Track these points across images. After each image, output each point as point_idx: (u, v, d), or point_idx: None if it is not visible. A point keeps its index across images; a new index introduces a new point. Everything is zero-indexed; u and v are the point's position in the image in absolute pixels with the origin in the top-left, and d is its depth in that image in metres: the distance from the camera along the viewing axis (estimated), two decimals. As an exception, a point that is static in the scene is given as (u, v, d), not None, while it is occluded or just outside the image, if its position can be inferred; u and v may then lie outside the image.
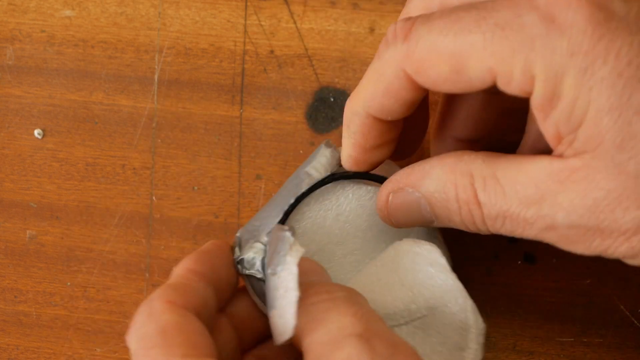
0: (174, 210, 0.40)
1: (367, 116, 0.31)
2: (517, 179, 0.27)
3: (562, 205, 0.26)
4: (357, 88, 0.31)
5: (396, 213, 0.31)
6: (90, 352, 0.40)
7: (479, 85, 0.27)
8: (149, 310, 0.28)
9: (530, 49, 0.25)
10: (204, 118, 0.40)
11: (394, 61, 0.28)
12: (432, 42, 0.27)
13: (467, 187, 0.28)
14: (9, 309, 0.41)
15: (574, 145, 0.26)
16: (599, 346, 0.38)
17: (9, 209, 0.41)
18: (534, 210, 0.27)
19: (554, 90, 0.25)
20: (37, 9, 0.41)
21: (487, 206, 0.28)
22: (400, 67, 0.28)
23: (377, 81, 0.30)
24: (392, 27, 0.29)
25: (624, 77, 0.25)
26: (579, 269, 0.38)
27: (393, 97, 0.29)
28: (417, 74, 0.28)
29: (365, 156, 0.32)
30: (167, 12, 0.40)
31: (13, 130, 0.41)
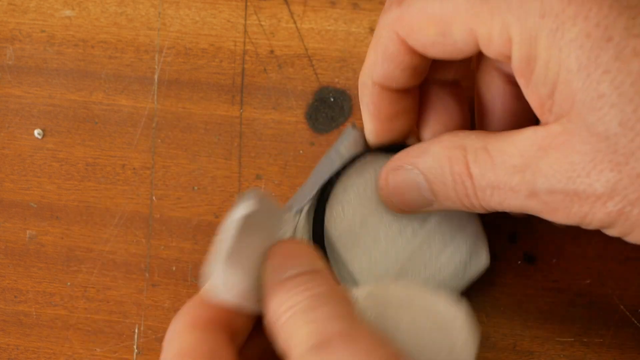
0: (174, 210, 0.40)
1: (374, 85, 0.32)
2: (505, 149, 0.28)
3: (543, 171, 0.27)
4: (365, 60, 0.32)
5: (395, 193, 0.31)
6: (90, 352, 0.40)
7: (464, 49, 0.28)
8: (173, 329, 0.28)
9: (507, 10, 0.26)
10: (204, 118, 0.40)
11: (388, 24, 0.30)
12: (422, 6, 0.28)
13: (460, 159, 0.29)
14: (9, 309, 0.41)
15: (553, 109, 0.26)
16: (599, 346, 0.38)
17: (9, 209, 0.41)
18: (518, 178, 0.27)
19: (530, 53, 0.26)
20: (37, 9, 0.41)
21: (477, 177, 0.28)
22: (394, 30, 0.29)
23: (375, 46, 0.31)
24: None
25: (592, 37, 0.25)
26: (579, 269, 0.38)
27: (392, 61, 0.30)
28: (408, 36, 0.29)
29: (384, 127, 0.33)
30: (167, 12, 0.40)
31: (13, 130, 0.41)
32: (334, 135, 0.39)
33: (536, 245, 0.38)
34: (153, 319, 0.40)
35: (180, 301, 0.40)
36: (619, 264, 0.38)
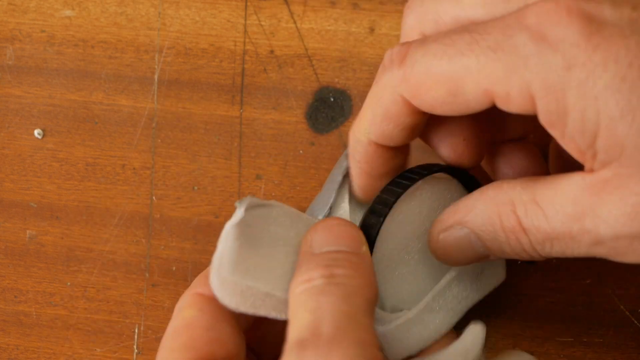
0: (174, 210, 0.40)
1: (370, 143, 0.31)
2: (555, 199, 0.27)
3: (603, 218, 0.26)
4: (358, 115, 0.31)
5: (450, 252, 0.31)
6: (90, 352, 0.40)
7: (476, 107, 0.27)
8: (179, 304, 0.29)
9: (524, 68, 0.25)
10: (204, 118, 0.40)
11: (391, 86, 0.28)
12: (428, 66, 0.27)
13: (510, 216, 0.28)
14: (9, 309, 0.41)
15: (598, 157, 0.26)
16: (599, 346, 0.38)
17: (9, 209, 0.41)
18: (578, 227, 0.26)
19: (559, 106, 0.25)
20: (37, 9, 0.41)
21: (532, 231, 0.27)
22: (397, 92, 0.28)
23: (375, 106, 0.29)
24: (389, 53, 0.29)
25: (628, 80, 0.24)
26: (579, 269, 0.38)
27: (392, 122, 0.29)
28: (414, 97, 0.28)
29: (375, 184, 0.32)
30: (167, 12, 0.40)
31: (13, 130, 0.41)
32: (334, 135, 0.39)
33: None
34: (153, 319, 0.40)
35: (180, 301, 0.40)
36: (619, 264, 0.38)
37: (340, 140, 0.39)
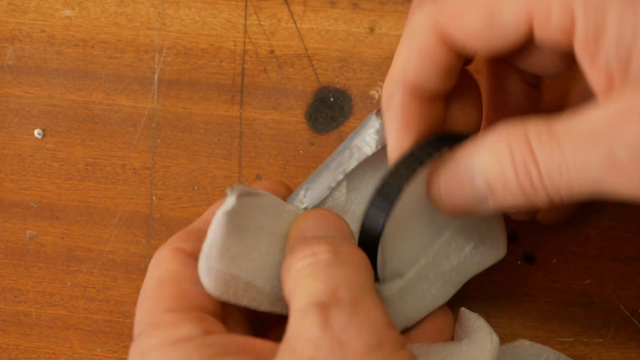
0: (174, 210, 0.40)
1: (404, 93, 0.29)
2: (573, 129, 0.26)
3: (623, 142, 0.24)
4: (391, 67, 0.30)
5: (448, 193, 0.29)
6: (90, 352, 0.40)
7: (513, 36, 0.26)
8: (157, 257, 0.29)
9: None
10: (204, 118, 0.40)
11: (426, 19, 0.28)
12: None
13: (522, 147, 0.26)
14: (9, 309, 0.41)
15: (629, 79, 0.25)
16: (599, 346, 0.38)
17: (9, 209, 0.41)
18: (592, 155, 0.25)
19: (597, 24, 0.24)
20: (37, 9, 0.41)
21: (544, 161, 0.26)
22: (433, 22, 0.28)
23: (410, 42, 0.29)
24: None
25: None
26: (579, 269, 0.38)
27: (428, 59, 0.28)
28: (450, 25, 0.27)
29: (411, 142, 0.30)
30: (167, 12, 0.40)
31: (13, 130, 0.41)
32: (334, 135, 0.39)
33: (536, 245, 0.38)
34: (153, 319, 0.40)
35: (180, 301, 0.40)
36: (619, 264, 0.38)
37: (340, 140, 0.39)
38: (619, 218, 0.38)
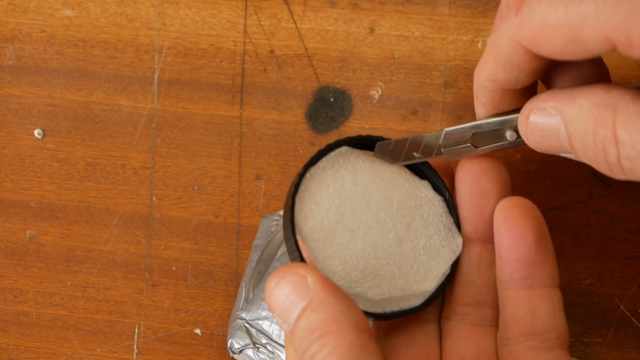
0: (174, 210, 0.40)
1: (495, 89, 0.30)
2: None
3: None
4: (480, 61, 0.31)
5: (534, 133, 0.29)
6: (90, 352, 0.40)
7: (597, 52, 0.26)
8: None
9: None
10: (204, 118, 0.40)
11: (509, 35, 0.28)
12: (544, 15, 0.27)
13: (607, 122, 0.26)
14: (9, 309, 0.41)
15: None
16: (599, 346, 0.38)
17: (9, 209, 0.41)
18: None
19: None
20: (37, 9, 0.41)
21: (626, 144, 0.26)
22: (515, 41, 0.28)
23: (496, 55, 0.29)
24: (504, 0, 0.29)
25: None
26: (579, 269, 0.38)
27: (515, 69, 0.29)
28: (534, 46, 0.28)
29: None
30: (167, 12, 0.40)
31: (13, 130, 0.41)
32: (334, 135, 0.39)
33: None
34: (153, 319, 0.40)
35: (180, 301, 0.40)
36: (619, 264, 0.38)
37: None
38: (619, 218, 0.38)
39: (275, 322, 0.37)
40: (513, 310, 0.30)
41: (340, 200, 0.32)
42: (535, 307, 0.30)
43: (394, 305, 0.31)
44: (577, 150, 0.28)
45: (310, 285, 0.28)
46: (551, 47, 0.27)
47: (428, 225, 0.33)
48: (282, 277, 0.28)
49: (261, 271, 0.38)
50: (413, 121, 0.39)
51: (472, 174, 0.32)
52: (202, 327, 0.40)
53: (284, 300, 0.28)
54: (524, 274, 0.30)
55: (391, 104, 0.39)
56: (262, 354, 0.37)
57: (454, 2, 0.39)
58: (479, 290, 0.32)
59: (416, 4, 0.39)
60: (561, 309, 0.30)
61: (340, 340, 0.26)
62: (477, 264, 0.32)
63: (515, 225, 0.30)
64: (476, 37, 0.38)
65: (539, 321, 0.30)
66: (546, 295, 0.30)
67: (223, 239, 0.40)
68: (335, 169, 0.32)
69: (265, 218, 0.39)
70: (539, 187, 0.38)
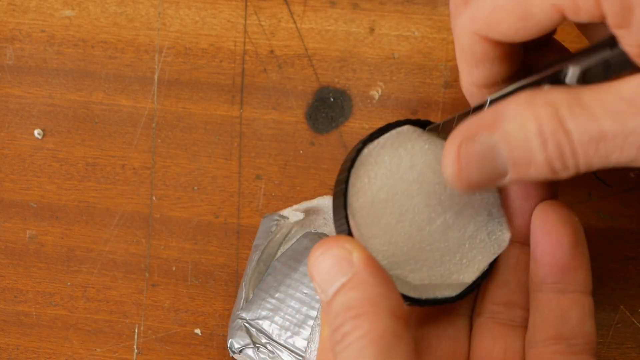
0: (174, 210, 0.40)
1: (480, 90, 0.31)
2: (605, 99, 0.25)
3: None
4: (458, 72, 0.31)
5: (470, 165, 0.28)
6: (90, 352, 0.40)
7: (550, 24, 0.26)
8: None
9: None
10: (204, 118, 0.40)
11: (464, 29, 0.28)
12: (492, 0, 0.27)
13: (551, 117, 0.25)
14: (9, 309, 0.41)
15: None
16: (599, 346, 0.38)
17: (9, 209, 0.41)
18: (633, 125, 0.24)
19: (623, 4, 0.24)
20: (37, 9, 0.41)
21: (576, 132, 0.25)
22: (471, 32, 0.28)
23: (461, 55, 0.30)
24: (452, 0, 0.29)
25: None
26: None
27: (483, 62, 0.29)
28: (489, 31, 0.28)
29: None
30: (167, 12, 0.40)
31: (13, 130, 0.41)
32: (334, 135, 0.39)
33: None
34: (153, 319, 0.40)
35: (180, 301, 0.40)
36: (619, 264, 0.38)
37: (340, 140, 0.39)
38: (619, 218, 0.38)
39: (275, 321, 0.37)
40: (543, 313, 0.30)
41: (394, 180, 0.31)
42: (566, 312, 0.30)
43: (430, 292, 0.31)
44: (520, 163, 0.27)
45: (355, 261, 0.27)
46: (505, 29, 0.27)
47: (478, 216, 0.32)
48: (329, 248, 0.28)
49: (261, 271, 0.38)
50: (413, 121, 0.39)
51: None
52: (202, 327, 0.40)
53: (326, 271, 0.28)
54: (556, 279, 0.30)
55: (391, 104, 0.39)
56: (262, 353, 0.37)
57: (454, 2, 0.39)
58: (512, 291, 0.32)
59: (416, 4, 0.39)
60: (591, 316, 0.30)
61: (374, 324, 0.26)
62: (514, 265, 0.32)
63: (551, 229, 0.30)
64: (476, 37, 0.38)
65: (568, 326, 0.30)
66: (577, 301, 0.30)
67: (223, 239, 0.40)
68: (394, 147, 0.32)
69: (265, 218, 0.39)
70: (539, 187, 0.38)
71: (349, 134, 0.39)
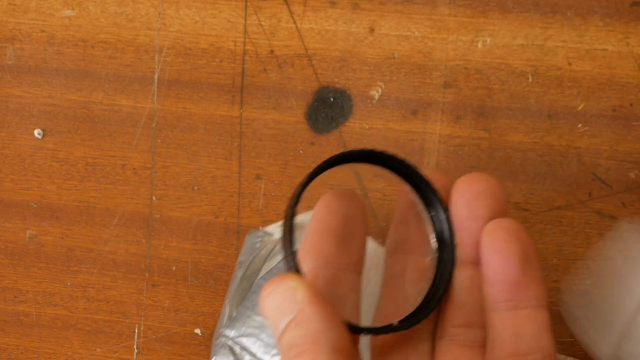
0: (174, 210, 0.40)
1: None
2: None
3: None
4: None
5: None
6: (90, 352, 0.40)
7: None
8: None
9: None
10: (204, 118, 0.40)
11: None
12: None
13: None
14: (9, 309, 0.41)
15: None
16: (599, 346, 0.38)
17: (9, 209, 0.41)
18: None
19: None
20: (37, 9, 0.41)
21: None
22: None
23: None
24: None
25: None
26: (579, 269, 0.38)
27: None
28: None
29: None
30: (167, 12, 0.40)
31: (13, 130, 0.41)
32: (334, 135, 0.39)
33: (536, 245, 0.38)
34: (153, 319, 0.40)
35: (180, 301, 0.40)
36: (619, 264, 0.38)
37: (340, 140, 0.39)
38: (619, 218, 0.38)
39: (261, 339, 0.37)
40: (498, 332, 0.30)
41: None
42: (520, 329, 0.30)
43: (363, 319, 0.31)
44: None
45: (299, 299, 0.28)
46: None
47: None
48: (276, 286, 0.28)
49: (245, 288, 0.38)
50: (413, 121, 0.39)
51: (465, 198, 0.31)
52: (202, 327, 0.40)
53: (274, 310, 0.28)
54: (509, 296, 0.30)
55: (391, 104, 0.39)
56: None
57: (454, 2, 0.39)
58: (469, 312, 0.32)
59: (416, 4, 0.39)
60: (547, 329, 0.30)
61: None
62: (469, 286, 0.32)
63: (499, 248, 0.30)
64: (476, 37, 0.38)
65: (523, 342, 0.30)
66: (531, 316, 0.30)
67: (223, 239, 0.40)
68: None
69: (250, 234, 0.39)
70: (539, 187, 0.38)
71: (349, 134, 0.39)
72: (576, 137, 0.38)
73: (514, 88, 0.38)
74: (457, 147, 0.39)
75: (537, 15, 0.37)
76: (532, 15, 0.38)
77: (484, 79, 0.38)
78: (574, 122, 0.38)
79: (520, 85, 0.38)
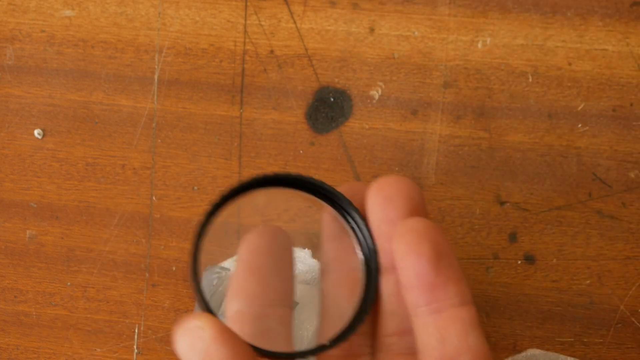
0: (174, 210, 0.40)
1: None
2: None
3: None
4: None
5: None
6: (90, 352, 0.40)
7: None
8: None
9: None
10: (204, 118, 0.40)
11: None
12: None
13: None
14: (9, 309, 0.41)
15: None
16: (599, 346, 0.38)
17: (9, 209, 0.41)
18: None
19: None
20: (37, 9, 0.41)
21: None
22: None
23: None
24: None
25: None
26: (578, 269, 0.38)
27: None
28: None
29: None
30: (167, 12, 0.40)
31: (13, 130, 0.41)
32: (334, 135, 0.39)
33: (536, 245, 0.38)
34: (153, 319, 0.40)
35: (180, 301, 0.40)
36: (619, 264, 0.38)
37: (340, 140, 0.39)
38: (619, 218, 0.38)
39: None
40: (423, 339, 0.29)
41: None
42: (444, 332, 0.29)
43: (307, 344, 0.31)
44: None
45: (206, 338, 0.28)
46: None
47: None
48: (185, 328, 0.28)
49: None
50: (413, 121, 0.39)
51: (378, 203, 0.30)
52: (202, 327, 0.40)
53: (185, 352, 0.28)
54: (427, 299, 0.29)
55: (391, 104, 0.39)
56: None
57: (454, 2, 0.39)
58: (401, 319, 0.31)
59: (416, 4, 0.39)
60: (473, 327, 0.29)
61: None
62: (396, 293, 0.30)
63: (409, 250, 0.29)
64: (476, 37, 0.38)
65: (450, 345, 0.29)
66: (455, 316, 0.29)
67: (223, 239, 0.40)
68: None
69: (206, 271, 0.38)
70: (539, 187, 0.38)
71: (349, 134, 0.39)
72: (576, 137, 0.38)
73: (514, 88, 0.38)
74: (457, 147, 0.39)
75: (537, 15, 0.37)
76: (532, 15, 0.38)
77: (484, 79, 0.38)
78: (574, 122, 0.38)
79: (520, 85, 0.38)
